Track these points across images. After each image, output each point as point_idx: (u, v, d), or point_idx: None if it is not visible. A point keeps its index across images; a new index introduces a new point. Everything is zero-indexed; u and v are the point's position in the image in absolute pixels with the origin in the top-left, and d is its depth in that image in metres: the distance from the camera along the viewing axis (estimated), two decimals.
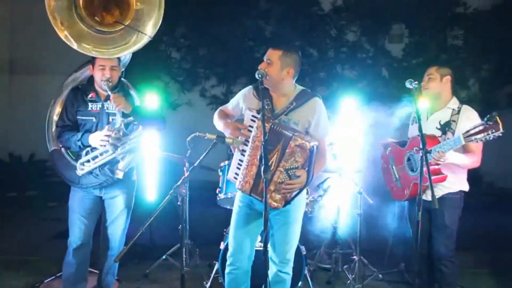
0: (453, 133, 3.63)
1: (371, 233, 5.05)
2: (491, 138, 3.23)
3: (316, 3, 8.95)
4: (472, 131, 3.29)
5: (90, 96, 3.76)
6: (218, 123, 3.41)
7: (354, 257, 4.75)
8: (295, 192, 3.19)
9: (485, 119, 3.21)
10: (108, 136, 3.62)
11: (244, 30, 8.95)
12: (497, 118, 3.18)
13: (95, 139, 3.66)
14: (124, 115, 3.69)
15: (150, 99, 6.69)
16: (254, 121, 3.17)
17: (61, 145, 3.80)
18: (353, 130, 6.34)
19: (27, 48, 9.03)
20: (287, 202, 3.19)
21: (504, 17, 8.42)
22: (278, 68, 3.22)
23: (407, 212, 4.03)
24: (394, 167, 3.99)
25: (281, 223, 3.32)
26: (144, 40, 3.66)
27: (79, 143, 3.68)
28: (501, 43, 8.51)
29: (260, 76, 3.09)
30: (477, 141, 3.28)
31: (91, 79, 3.83)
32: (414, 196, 3.71)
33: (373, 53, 9.03)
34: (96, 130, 3.70)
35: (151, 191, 6.15)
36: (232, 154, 3.43)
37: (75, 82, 3.97)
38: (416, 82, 3.37)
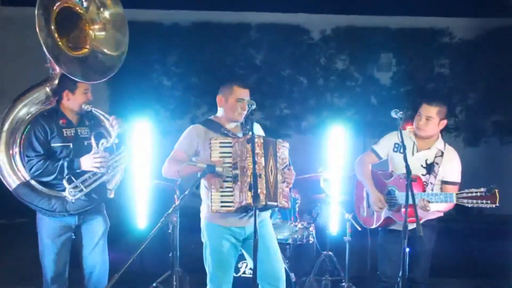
0: (435, 177, 3.68)
1: (361, 259, 5.08)
2: (483, 207, 3.38)
3: (305, 32, 9.14)
4: (466, 195, 3.40)
5: (61, 122, 3.64)
6: (181, 170, 3.38)
7: (344, 284, 4.78)
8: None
9: (485, 189, 3.32)
10: (103, 157, 3.56)
11: (235, 58, 9.10)
12: (496, 192, 3.30)
13: (88, 162, 3.54)
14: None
15: (141, 126, 6.78)
16: (226, 146, 3.28)
17: (32, 177, 3.59)
18: (342, 158, 6.44)
19: (17, 76, 9.08)
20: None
21: (487, 46, 8.66)
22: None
23: (381, 240, 3.95)
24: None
25: (262, 253, 3.28)
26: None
27: (66, 170, 3.51)
28: (486, 72, 8.73)
29: (251, 105, 3.28)
30: (468, 205, 3.39)
31: (57, 105, 3.70)
32: (383, 226, 3.82)
33: (362, 81, 9.19)
34: (73, 156, 3.58)
35: (142, 219, 6.17)
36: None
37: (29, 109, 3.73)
38: (402, 112, 3.45)
